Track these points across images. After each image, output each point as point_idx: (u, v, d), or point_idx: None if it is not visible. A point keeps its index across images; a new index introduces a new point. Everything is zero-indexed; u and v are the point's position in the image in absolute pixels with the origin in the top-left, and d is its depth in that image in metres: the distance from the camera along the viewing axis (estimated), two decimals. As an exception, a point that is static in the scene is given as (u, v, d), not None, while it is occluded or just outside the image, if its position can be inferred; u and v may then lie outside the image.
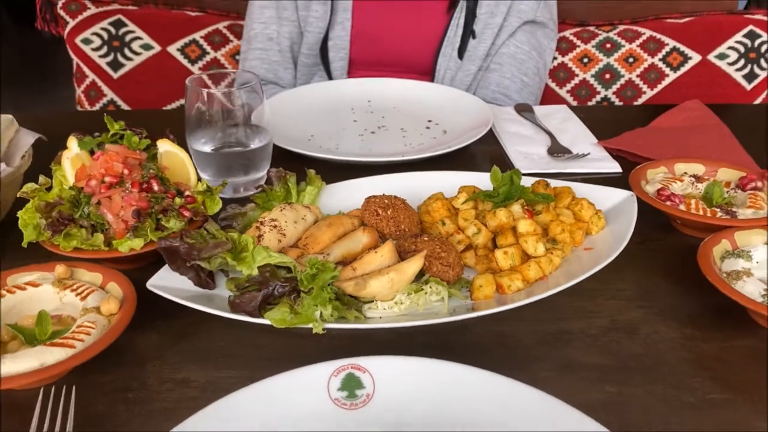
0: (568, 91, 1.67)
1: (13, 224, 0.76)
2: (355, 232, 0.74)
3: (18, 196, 0.77)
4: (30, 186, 0.76)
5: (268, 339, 0.66)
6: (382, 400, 0.56)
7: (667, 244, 0.84)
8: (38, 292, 0.67)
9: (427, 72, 1.45)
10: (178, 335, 0.68)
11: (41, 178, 0.77)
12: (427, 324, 0.67)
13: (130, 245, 0.71)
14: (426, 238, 0.72)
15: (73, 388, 0.58)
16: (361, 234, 0.74)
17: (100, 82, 1.66)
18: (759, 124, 1.23)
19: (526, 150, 1.08)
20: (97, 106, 1.67)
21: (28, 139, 0.90)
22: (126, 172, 0.74)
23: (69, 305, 0.66)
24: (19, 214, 0.74)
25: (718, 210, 0.83)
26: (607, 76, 1.64)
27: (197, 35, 1.64)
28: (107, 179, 0.73)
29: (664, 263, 0.80)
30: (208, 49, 1.64)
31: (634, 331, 0.69)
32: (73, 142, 0.78)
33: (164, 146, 0.81)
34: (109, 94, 1.66)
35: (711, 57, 1.60)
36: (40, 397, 0.57)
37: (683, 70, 1.61)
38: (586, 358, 0.66)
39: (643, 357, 0.65)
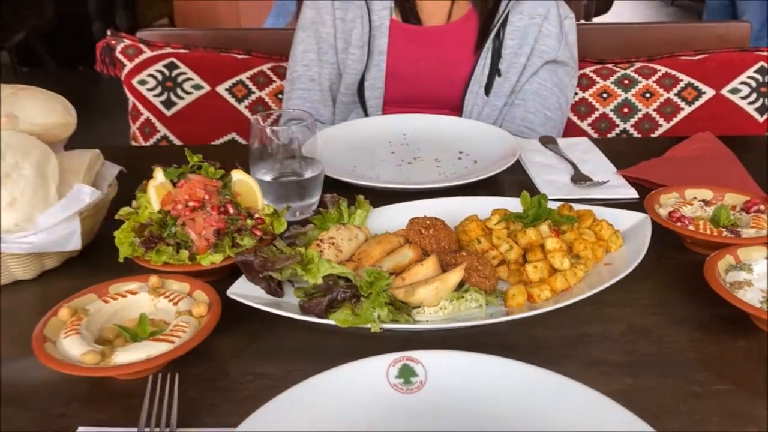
0: (589, 124, 1.78)
1: (105, 243, 0.89)
2: (402, 248, 0.86)
3: (115, 218, 0.90)
4: (125, 210, 0.89)
5: (332, 339, 0.77)
6: (433, 386, 0.67)
7: (679, 261, 0.93)
8: (136, 299, 0.79)
9: (456, 108, 1.57)
10: (253, 337, 0.79)
11: (134, 203, 0.90)
12: (467, 326, 0.78)
13: (211, 259, 0.83)
14: (465, 254, 0.83)
15: (176, 375, 0.69)
16: (408, 250, 0.85)
17: (154, 119, 1.80)
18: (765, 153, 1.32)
19: (550, 178, 1.19)
20: (151, 141, 1.82)
21: (112, 170, 1.04)
22: (206, 197, 0.87)
23: (162, 310, 0.78)
24: (116, 233, 0.86)
25: (724, 230, 0.93)
26: (626, 110, 1.75)
27: (243, 76, 1.79)
28: (191, 204, 0.86)
29: (675, 277, 0.90)
30: (254, 88, 1.78)
31: (649, 333, 0.79)
32: (159, 172, 0.91)
33: (237, 175, 0.93)
34: (162, 130, 1.81)
35: (724, 92, 1.70)
36: (149, 384, 0.68)
37: (698, 104, 1.72)
38: (606, 356, 0.76)
39: (656, 355, 0.75)
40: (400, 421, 0.65)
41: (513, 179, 1.22)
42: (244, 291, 0.81)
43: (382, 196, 1.07)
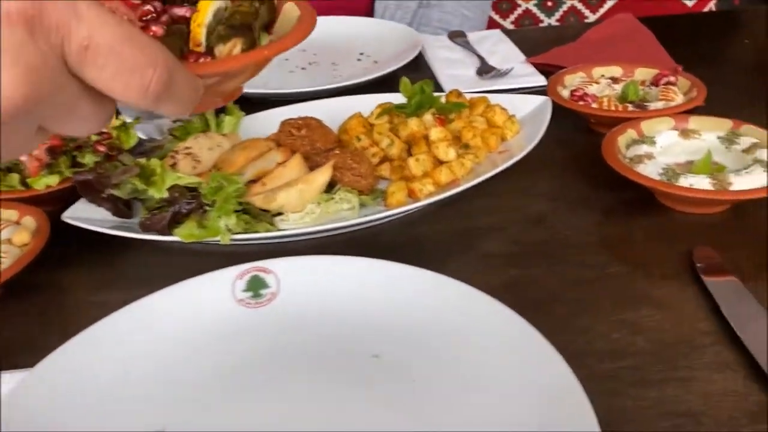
0: (512, 22, 1.67)
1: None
2: (269, 153, 0.76)
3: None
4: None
5: (182, 259, 0.68)
6: (286, 297, 0.58)
7: (582, 144, 0.85)
8: (-45, 233, 0.68)
9: (368, 13, 1.44)
10: (93, 265, 0.69)
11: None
12: (338, 230, 0.69)
13: (46, 182, 0.72)
14: (337, 151, 0.73)
15: (-15, 312, 0.59)
16: (275, 153, 0.75)
17: None
18: (687, 31, 1.24)
19: (454, 72, 1.09)
20: None
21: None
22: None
23: (-16, 242, 0.68)
24: (-66, 162, 0.74)
25: (630, 105, 0.84)
26: (549, 3, 1.64)
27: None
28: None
29: (577, 161, 0.82)
30: None
31: (542, 221, 0.71)
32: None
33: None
34: None
35: (649, -25, 1.60)
36: (-45, 323, 0.59)
37: (624, -10, 1.62)
38: (493, 248, 0.68)
39: (548, 243, 0.67)
40: (249, 337, 0.56)
41: (415, 77, 1.10)
42: (88, 215, 0.71)
43: (269, 106, 0.95)
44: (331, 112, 0.87)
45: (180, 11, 0.41)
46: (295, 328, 0.56)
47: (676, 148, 0.75)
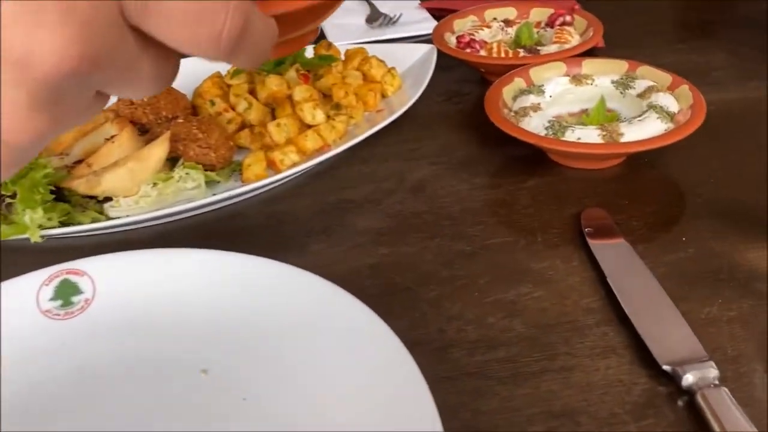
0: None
1: None
2: (102, 126, 0.64)
3: None
4: None
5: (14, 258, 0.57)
6: (103, 303, 0.48)
7: (474, 98, 0.77)
8: None
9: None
10: None
11: None
12: (181, 215, 0.59)
13: None
14: (181, 120, 0.63)
15: None
16: (110, 126, 0.64)
17: None
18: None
19: (341, 22, 0.98)
20: None
21: None
22: None
23: None
24: None
25: (522, 50, 0.76)
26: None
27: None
28: None
29: (466, 118, 0.73)
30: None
31: (421, 189, 0.63)
32: None
33: None
34: None
35: None
36: None
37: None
38: (364, 224, 0.59)
39: (424, 214, 0.59)
40: (57, 355, 0.46)
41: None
42: None
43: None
44: (187, 74, 0.75)
45: None
46: (113, 341, 0.47)
47: (568, 96, 0.67)
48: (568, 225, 0.56)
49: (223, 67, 0.76)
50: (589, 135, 0.58)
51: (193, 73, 0.75)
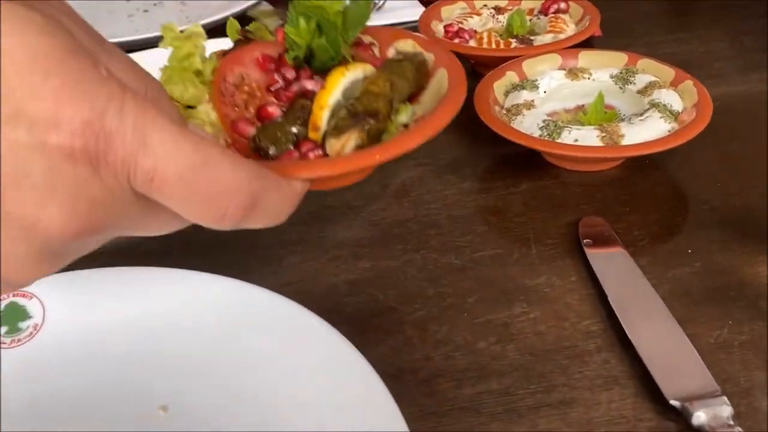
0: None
1: None
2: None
3: None
4: None
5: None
6: (54, 329, 0.44)
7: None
8: None
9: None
10: None
11: None
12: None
13: None
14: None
15: None
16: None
17: None
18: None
19: (322, 8, 0.93)
20: None
21: None
22: None
23: None
24: None
25: (514, 41, 0.71)
26: None
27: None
28: None
29: (456, 115, 0.68)
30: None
31: (405, 194, 0.58)
32: None
33: None
34: None
35: None
36: None
37: None
38: (344, 233, 0.54)
39: (409, 222, 0.55)
40: (4, 389, 0.42)
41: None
42: None
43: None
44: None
45: (309, 84, 0.37)
46: (63, 373, 0.42)
47: (564, 91, 0.63)
48: (564, 235, 0.52)
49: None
50: (588, 136, 0.54)
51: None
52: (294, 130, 0.36)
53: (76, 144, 0.20)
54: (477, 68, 0.73)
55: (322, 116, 0.36)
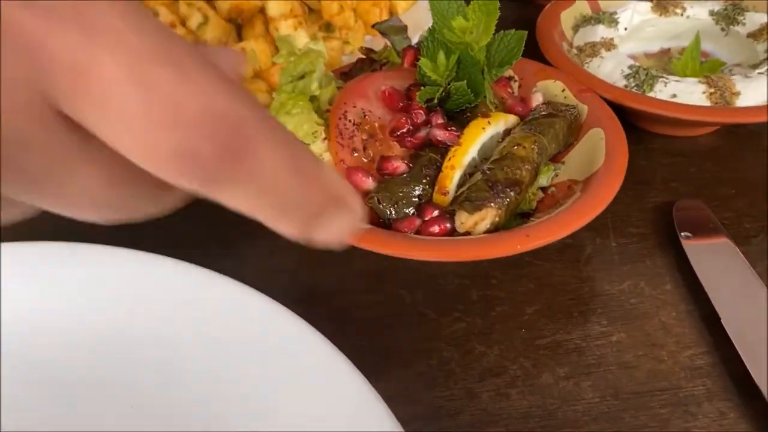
0: None
1: None
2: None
3: None
4: None
5: None
6: (9, 314, 0.32)
7: (518, 26, 0.58)
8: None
9: None
10: None
11: None
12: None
13: None
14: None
15: None
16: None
17: None
18: None
19: None
20: None
21: None
22: None
23: None
24: None
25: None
26: None
27: None
28: None
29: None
30: None
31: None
32: None
33: None
34: None
35: None
36: None
37: None
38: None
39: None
40: None
41: None
42: None
43: None
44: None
45: (440, 134, 0.33)
46: (21, 367, 0.30)
47: (647, 29, 0.49)
48: (652, 222, 0.39)
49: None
50: (691, 92, 0.40)
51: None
52: (417, 191, 0.33)
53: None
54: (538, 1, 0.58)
55: (453, 178, 0.32)
